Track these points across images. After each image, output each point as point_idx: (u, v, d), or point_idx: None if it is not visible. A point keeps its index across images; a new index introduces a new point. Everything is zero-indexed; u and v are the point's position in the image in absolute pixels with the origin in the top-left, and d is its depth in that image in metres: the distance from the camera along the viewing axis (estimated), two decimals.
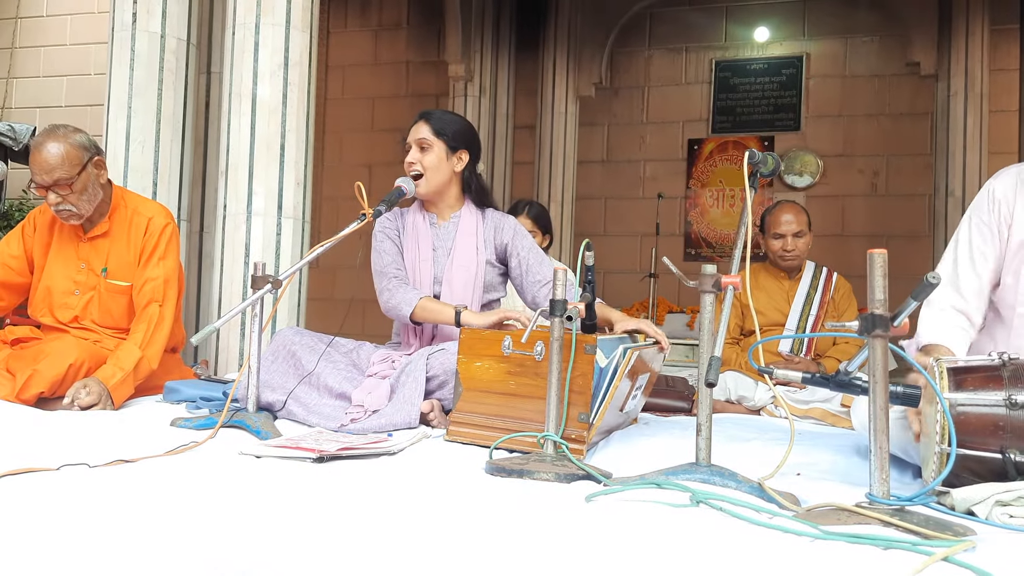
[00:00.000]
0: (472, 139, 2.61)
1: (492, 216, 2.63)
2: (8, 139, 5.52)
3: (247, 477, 1.51)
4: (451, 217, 2.61)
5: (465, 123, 2.62)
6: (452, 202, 2.61)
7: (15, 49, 7.14)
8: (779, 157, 1.88)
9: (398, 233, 2.61)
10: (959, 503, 1.39)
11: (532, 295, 2.55)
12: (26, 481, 1.39)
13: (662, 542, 1.14)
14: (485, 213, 2.63)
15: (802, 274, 3.47)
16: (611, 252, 7.41)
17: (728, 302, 1.59)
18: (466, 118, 2.76)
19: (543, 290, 2.52)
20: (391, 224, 2.61)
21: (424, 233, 2.58)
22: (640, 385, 2.23)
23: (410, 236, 2.58)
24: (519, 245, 2.57)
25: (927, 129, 6.86)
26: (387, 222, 2.61)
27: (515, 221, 2.64)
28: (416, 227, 2.59)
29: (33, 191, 2.49)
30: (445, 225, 2.60)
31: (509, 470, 1.61)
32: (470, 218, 2.59)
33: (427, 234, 2.58)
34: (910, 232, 6.83)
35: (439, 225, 2.60)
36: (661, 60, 7.64)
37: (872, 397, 1.29)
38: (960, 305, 2.01)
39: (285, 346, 2.37)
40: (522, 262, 2.56)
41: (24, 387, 2.28)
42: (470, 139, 2.60)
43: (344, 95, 8.10)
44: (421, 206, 2.64)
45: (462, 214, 2.60)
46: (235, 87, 3.45)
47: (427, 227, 2.59)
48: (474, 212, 2.61)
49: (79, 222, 2.56)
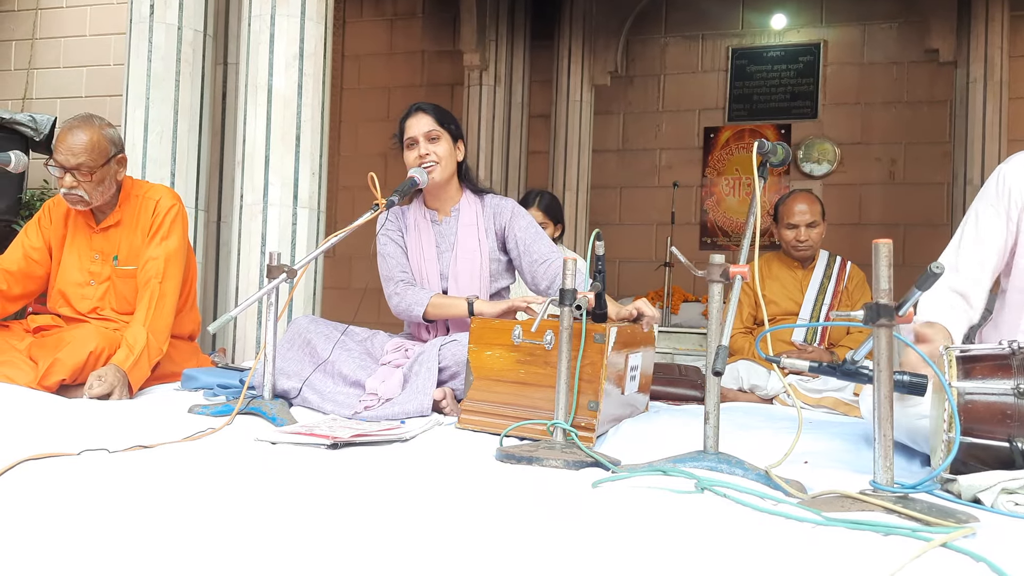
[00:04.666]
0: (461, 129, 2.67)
1: (490, 202, 2.62)
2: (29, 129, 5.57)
3: (263, 463, 1.53)
4: (451, 211, 2.61)
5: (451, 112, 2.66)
6: (453, 193, 2.61)
7: (35, 40, 7.21)
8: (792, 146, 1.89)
9: (401, 233, 2.61)
10: (965, 490, 1.40)
11: (531, 275, 2.54)
12: (48, 466, 1.43)
13: (666, 528, 1.15)
14: (484, 200, 2.63)
15: (816, 263, 3.46)
16: (626, 241, 7.41)
17: (736, 291, 1.60)
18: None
19: (540, 268, 2.50)
20: (393, 225, 2.62)
21: (426, 231, 2.59)
22: (635, 365, 2.21)
23: (413, 236, 2.60)
24: (516, 226, 2.57)
25: (946, 117, 6.80)
26: (388, 223, 2.61)
27: (513, 203, 2.63)
28: (418, 225, 2.60)
29: (52, 168, 2.52)
30: (447, 220, 2.60)
31: (519, 457, 1.63)
32: (469, 209, 2.60)
33: (429, 232, 2.59)
34: (928, 221, 6.79)
35: (440, 221, 2.61)
36: (677, 48, 7.61)
37: (877, 386, 1.29)
38: (959, 286, 1.99)
39: (300, 334, 2.40)
40: (519, 243, 2.55)
41: (46, 374, 2.32)
42: (461, 129, 2.65)
43: (359, 85, 8.12)
44: (422, 203, 2.64)
45: (461, 206, 2.60)
46: (251, 78, 3.48)
47: (428, 224, 2.60)
48: (473, 202, 2.62)
49: (84, 208, 2.60)
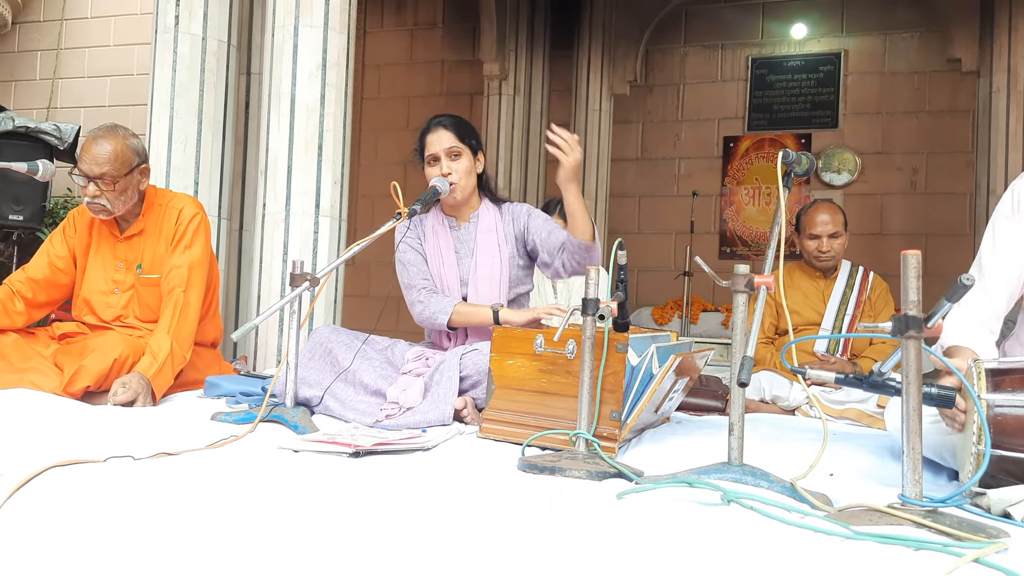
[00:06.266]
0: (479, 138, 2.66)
1: (508, 209, 2.64)
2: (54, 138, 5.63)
3: (285, 470, 1.54)
4: (470, 218, 2.62)
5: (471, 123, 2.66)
6: (472, 202, 2.62)
7: (60, 50, 7.29)
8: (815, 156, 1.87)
9: (420, 241, 2.62)
10: (995, 504, 1.38)
11: (554, 264, 2.50)
12: (74, 472, 1.43)
13: (693, 541, 1.14)
14: (502, 208, 2.64)
15: (838, 273, 3.44)
16: (645, 250, 7.39)
17: (761, 302, 1.59)
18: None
19: (560, 256, 2.47)
20: (412, 233, 2.62)
21: (445, 238, 2.59)
22: (678, 388, 2.23)
23: (431, 242, 2.60)
24: (532, 224, 2.57)
25: (968, 126, 6.74)
26: (408, 232, 2.62)
27: (528, 206, 2.65)
28: (436, 232, 2.60)
29: (76, 177, 2.55)
30: (466, 226, 2.61)
31: (541, 467, 1.62)
32: (488, 215, 2.61)
33: (448, 238, 2.59)
34: (950, 231, 6.72)
35: (459, 228, 2.62)
36: (696, 57, 7.60)
37: (905, 398, 1.28)
38: (985, 306, 1.95)
39: (322, 344, 2.41)
40: (537, 236, 2.55)
41: (71, 381, 2.34)
42: (479, 139, 2.65)
43: (380, 94, 8.16)
44: (440, 210, 2.64)
45: (480, 213, 2.61)
46: (274, 88, 3.51)
47: (447, 231, 2.61)
48: (491, 209, 2.63)
49: (107, 217, 2.63)
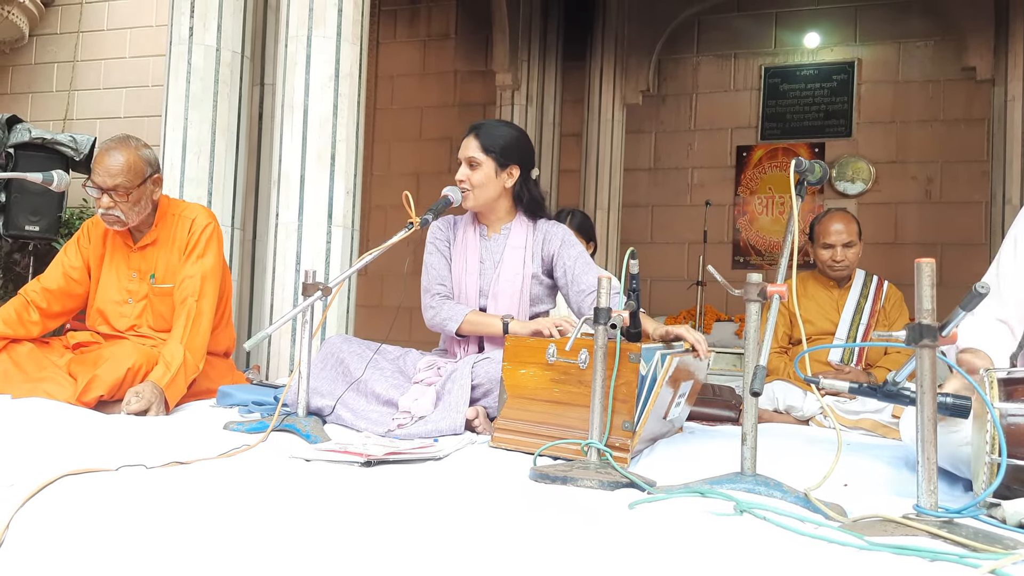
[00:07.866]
0: (524, 151, 2.54)
1: (543, 227, 2.58)
2: (70, 149, 5.69)
3: (297, 480, 1.54)
4: (502, 229, 2.59)
5: (516, 135, 2.54)
6: (502, 215, 2.59)
7: (77, 62, 7.37)
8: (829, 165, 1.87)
9: (448, 244, 2.60)
10: (1010, 516, 1.36)
11: (577, 305, 2.51)
12: (87, 481, 1.44)
13: (705, 551, 1.14)
14: (537, 224, 2.59)
15: (852, 283, 3.42)
16: (658, 260, 7.37)
17: (774, 311, 1.58)
18: (518, 126, 2.67)
19: (588, 299, 2.46)
20: (442, 234, 2.61)
21: (473, 245, 2.57)
22: (683, 393, 2.22)
23: (459, 248, 2.58)
24: (565, 255, 2.53)
25: (983, 135, 6.70)
26: (439, 232, 2.61)
27: (565, 229, 2.58)
28: (466, 239, 2.58)
29: (90, 189, 2.57)
30: (496, 237, 2.59)
31: (553, 477, 1.62)
32: (520, 230, 2.57)
33: (476, 246, 2.57)
34: (966, 240, 6.68)
35: (489, 237, 2.59)
36: (709, 67, 7.59)
37: (920, 408, 1.27)
38: (1001, 314, 1.98)
39: (334, 353, 2.41)
40: (567, 271, 2.51)
41: (85, 390, 2.36)
42: (523, 152, 2.53)
43: (393, 105, 8.19)
44: (474, 217, 2.62)
45: (512, 227, 2.58)
46: (287, 99, 3.53)
47: (477, 239, 2.58)
48: (525, 224, 2.58)
49: (121, 228, 2.65)
